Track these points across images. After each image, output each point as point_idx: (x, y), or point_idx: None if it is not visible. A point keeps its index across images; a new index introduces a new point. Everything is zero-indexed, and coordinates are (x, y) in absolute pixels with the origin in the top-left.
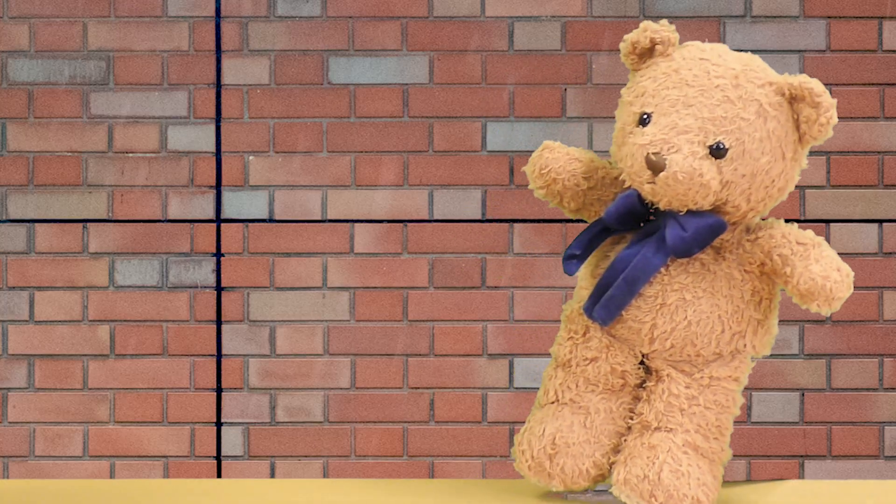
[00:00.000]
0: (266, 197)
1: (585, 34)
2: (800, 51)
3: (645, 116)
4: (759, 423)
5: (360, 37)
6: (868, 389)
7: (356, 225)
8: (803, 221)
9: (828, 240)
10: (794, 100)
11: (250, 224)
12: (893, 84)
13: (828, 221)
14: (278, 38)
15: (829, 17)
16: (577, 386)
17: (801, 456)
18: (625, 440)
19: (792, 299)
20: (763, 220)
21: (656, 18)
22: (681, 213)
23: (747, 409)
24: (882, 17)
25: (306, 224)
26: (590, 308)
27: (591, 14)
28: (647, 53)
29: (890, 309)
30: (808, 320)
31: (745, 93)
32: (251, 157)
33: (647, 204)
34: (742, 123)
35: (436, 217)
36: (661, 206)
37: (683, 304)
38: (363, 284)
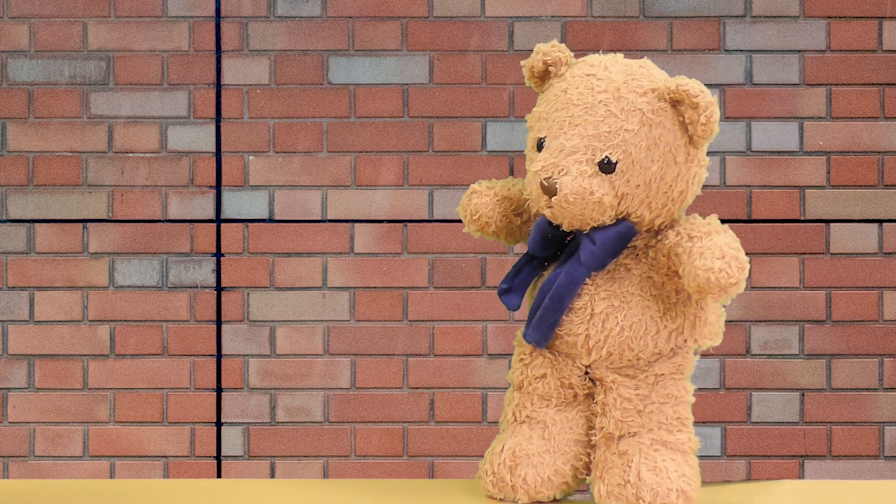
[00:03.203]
0: (266, 197)
1: (585, 34)
2: (800, 51)
3: (541, 141)
4: (759, 423)
5: (360, 37)
6: (868, 389)
7: (356, 225)
8: (803, 221)
9: (828, 240)
10: (675, 103)
11: (250, 224)
12: (893, 84)
13: (828, 221)
14: (278, 38)
15: (829, 17)
16: (531, 403)
17: (801, 456)
18: (592, 458)
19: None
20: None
21: (656, 18)
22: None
23: (747, 409)
24: (882, 17)
25: (306, 224)
26: (526, 333)
27: (591, 14)
28: (546, 76)
29: (890, 309)
30: (808, 320)
31: (627, 104)
32: (251, 157)
33: (559, 226)
34: (626, 135)
35: (436, 217)
36: (564, 227)
37: (613, 311)
38: (363, 284)
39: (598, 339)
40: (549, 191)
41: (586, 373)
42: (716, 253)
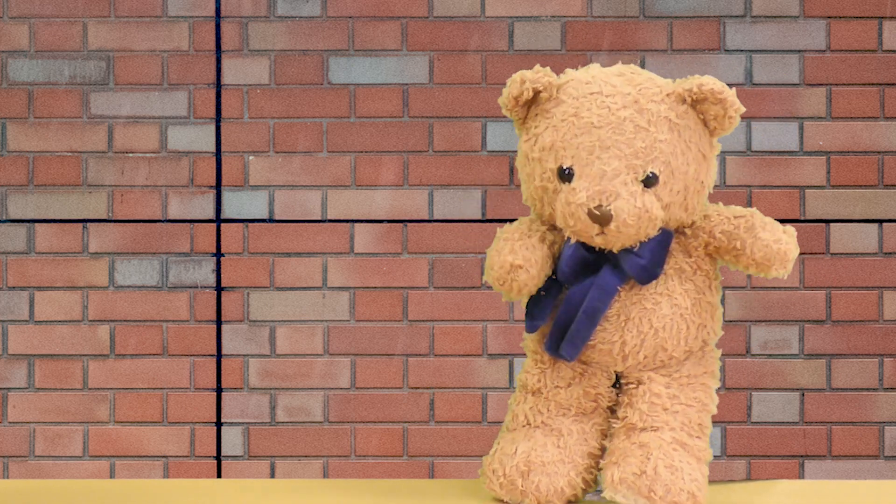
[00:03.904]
0: (266, 197)
1: (585, 34)
2: (800, 51)
3: (565, 171)
4: (759, 423)
5: (360, 37)
6: (868, 389)
7: (356, 225)
8: (803, 221)
9: (828, 240)
10: (696, 103)
11: (250, 224)
12: (893, 84)
13: (828, 221)
14: (278, 38)
15: (829, 17)
16: (548, 410)
17: (801, 456)
18: (608, 444)
19: (743, 271)
20: None
21: (656, 18)
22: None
23: (747, 409)
24: (882, 17)
25: (306, 224)
26: (552, 346)
27: (591, 14)
28: (530, 102)
29: (890, 309)
30: (808, 320)
31: (652, 115)
32: (251, 157)
33: (593, 249)
34: (662, 146)
35: (436, 217)
36: (615, 249)
37: (646, 314)
38: (363, 284)
39: (634, 343)
40: (603, 219)
41: (615, 384)
42: (777, 227)
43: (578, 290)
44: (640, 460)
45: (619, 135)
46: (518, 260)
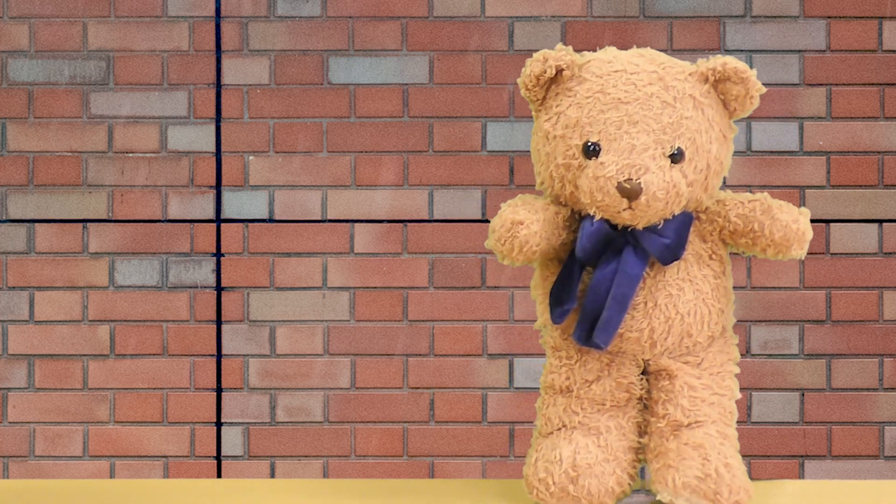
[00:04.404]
0: (266, 197)
1: (585, 34)
2: (800, 51)
3: (591, 146)
4: (759, 423)
5: (360, 37)
6: (868, 389)
7: (356, 225)
8: None
9: (828, 240)
10: (718, 82)
11: (250, 224)
12: (893, 84)
13: (828, 221)
14: (278, 38)
15: (829, 17)
16: (582, 408)
17: (801, 456)
18: (651, 443)
19: (759, 255)
20: None
21: (656, 18)
22: (657, 225)
23: (747, 409)
24: (882, 17)
25: (306, 224)
26: (583, 336)
27: (591, 14)
28: (549, 83)
29: (890, 309)
30: (808, 320)
31: (678, 92)
32: (251, 157)
33: (616, 227)
34: (687, 122)
35: (436, 217)
36: (640, 225)
37: (672, 300)
38: (363, 284)
39: (662, 330)
40: (633, 193)
41: (643, 371)
42: (793, 208)
43: (602, 277)
44: (699, 462)
45: (647, 110)
46: (519, 216)
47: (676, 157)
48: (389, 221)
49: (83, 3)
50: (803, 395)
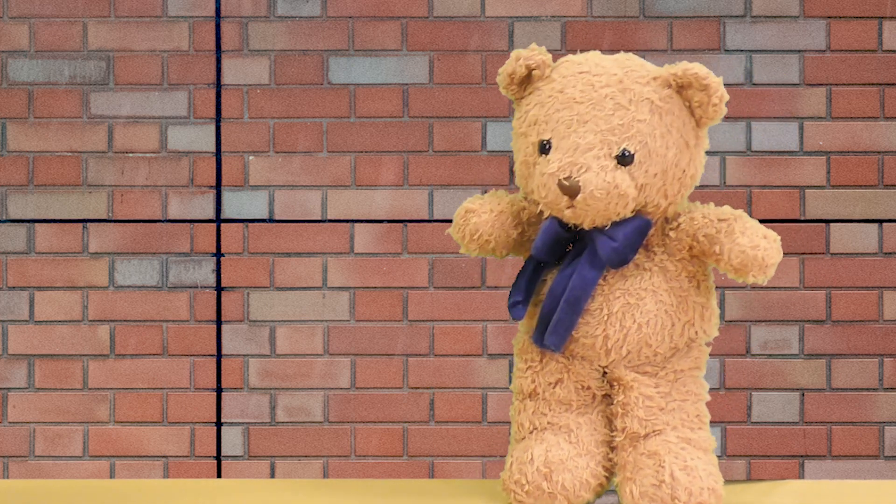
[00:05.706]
0: (266, 197)
1: (585, 34)
2: (800, 51)
3: (545, 144)
4: (759, 423)
5: (360, 37)
6: (868, 389)
7: (356, 225)
8: (803, 221)
9: (828, 240)
10: (681, 88)
11: (250, 224)
12: (893, 84)
13: (828, 221)
14: (278, 38)
15: (829, 17)
16: (550, 410)
17: (801, 456)
18: (613, 459)
19: (726, 275)
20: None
21: (656, 18)
22: (606, 227)
23: (747, 409)
24: (882, 17)
25: (306, 224)
26: (539, 338)
27: (591, 14)
28: (526, 81)
29: (890, 309)
30: (808, 320)
31: (634, 95)
32: (251, 157)
33: (569, 227)
34: (640, 126)
35: (436, 217)
36: (586, 225)
37: (629, 309)
38: (363, 284)
39: (616, 338)
40: (571, 190)
41: (604, 374)
42: (759, 232)
43: (561, 279)
44: (654, 470)
45: (598, 111)
46: (473, 206)
47: (624, 160)
48: (389, 221)
49: (83, 3)
50: (803, 395)
